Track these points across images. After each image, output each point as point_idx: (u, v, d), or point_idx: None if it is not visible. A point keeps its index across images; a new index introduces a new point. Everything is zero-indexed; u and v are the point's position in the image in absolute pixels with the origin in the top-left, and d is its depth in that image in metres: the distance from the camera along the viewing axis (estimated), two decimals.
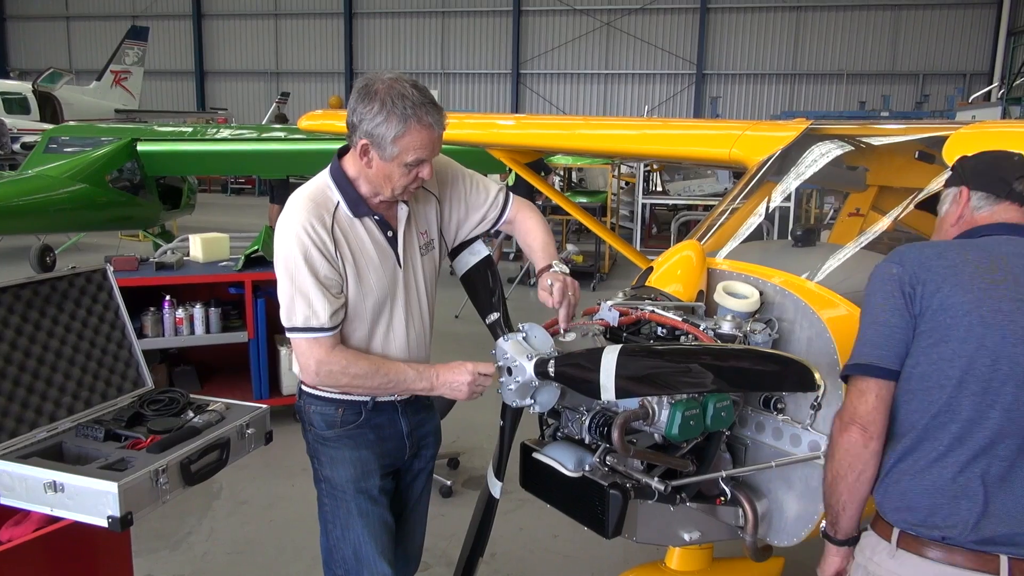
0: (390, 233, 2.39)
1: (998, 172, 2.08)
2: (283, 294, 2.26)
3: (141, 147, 9.57)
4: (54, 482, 2.11)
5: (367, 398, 2.43)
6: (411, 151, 2.20)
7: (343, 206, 2.31)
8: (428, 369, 2.33)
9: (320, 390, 2.41)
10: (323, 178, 2.36)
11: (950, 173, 2.18)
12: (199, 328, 5.39)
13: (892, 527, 1.88)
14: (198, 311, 5.36)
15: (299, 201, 2.30)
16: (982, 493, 1.77)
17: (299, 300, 2.22)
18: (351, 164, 2.34)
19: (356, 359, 2.28)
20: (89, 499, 2.08)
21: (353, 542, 2.46)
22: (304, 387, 2.46)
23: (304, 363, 2.27)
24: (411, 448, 2.59)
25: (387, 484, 2.55)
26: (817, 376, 1.92)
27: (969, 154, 2.18)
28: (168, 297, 5.30)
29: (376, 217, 2.36)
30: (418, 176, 2.27)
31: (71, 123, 16.13)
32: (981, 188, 2.07)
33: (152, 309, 5.27)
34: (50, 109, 20.60)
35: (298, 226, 2.23)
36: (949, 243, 2.01)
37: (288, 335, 2.28)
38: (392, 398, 2.47)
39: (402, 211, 2.42)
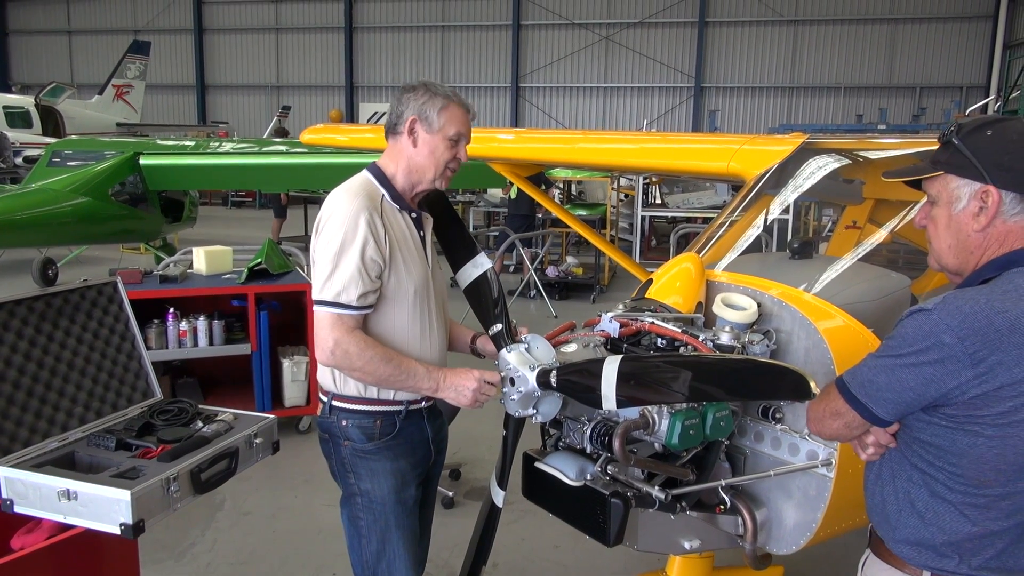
0: (422, 233, 2.55)
1: None
2: (322, 266, 2.35)
3: (143, 161, 9.64)
4: (68, 490, 2.15)
5: (400, 407, 2.50)
6: (453, 124, 2.46)
7: (387, 198, 2.48)
8: (436, 370, 2.40)
9: (356, 402, 2.47)
10: (365, 175, 2.52)
11: (953, 151, 1.78)
12: (202, 340, 5.43)
13: (921, 570, 1.83)
14: (201, 323, 5.41)
15: (352, 190, 2.43)
16: None
17: (338, 274, 2.32)
18: (389, 161, 2.52)
19: (373, 345, 2.35)
20: (102, 507, 2.12)
21: (389, 556, 2.52)
22: (337, 402, 2.50)
23: (323, 339, 2.34)
24: (434, 453, 2.69)
25: (419, 494, 2.63)
26: (812, 385, 1.94)
27: (971, 125, 1.80)
28: (172, 309, 5.35)
29: (413, 215, 2.53)
30: (456, 156, 2.48)
31: (73, 137, 16.19)
32: (1012, 188, 1.72)
33: (156, 321, 5.32)
34: (52, 123, 20.69)
35: (357, 209, 2.35)
36: (1013, 303, 1.65)
37: (315, 308, 2.36)
38: (421, 405, 2.55)
39: (428, 221, 2.60)
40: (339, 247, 2.32)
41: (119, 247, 12.53)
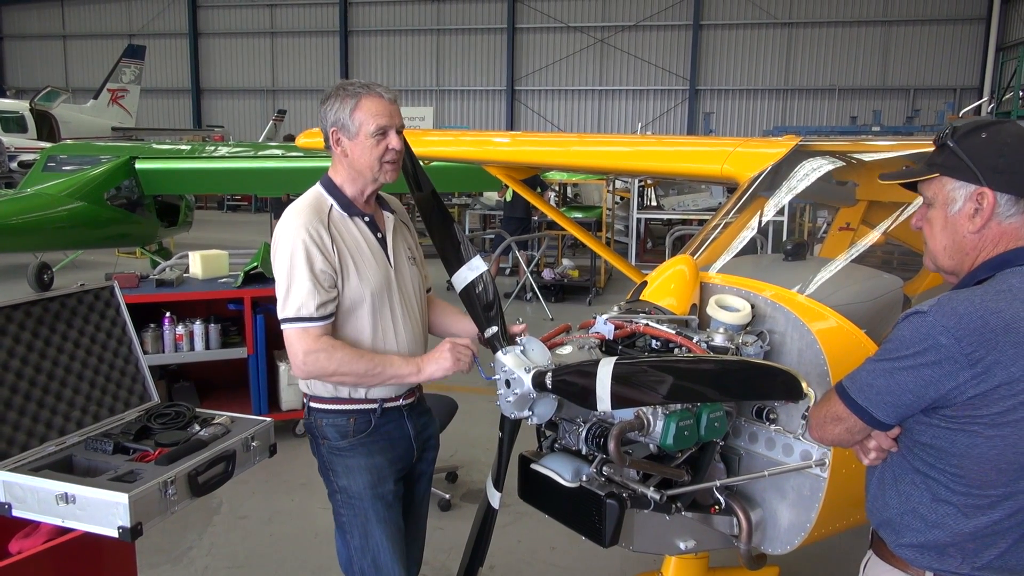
0: (380, 235, 2.60)
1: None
2: (279, 288, 2.43)
3: (139, 165, 9.63)
4: (65, 494, 2.16)
5: (375, 405, 2.54)
6: (371, 119, 2.45)
7: (336, 207, 2.53)
8: (413, 358, 2.48)
9: (329, 402, 2.54)
10: (315, 188, 2.59)
11: (949, 154, 1.81)
12: (199, 344, 5.44)
13: (924, 571, 1.84)
14: (198, 327, 5.42)
15: (297, 208, 2.51)
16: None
17: (293, 291, 2.39)
18: (335, 172, 2.58)
19: (341, 346, 2.42)
20: (100, 510, 2.14)
21: (372, 549, 2.56)
22: (313, 403, 2.57)
23: (294, 354, 2.41)
24: (417, 451, 2.72)
25: (399, 489, 2.67)
26: (804, 385, 1.95)
27: (966, 128, 1.82)
28: (168, 314, 5.36)
29: (367, 219, 2.57)
30: (388, 148, 2.48)
31: (69, 141, 16.17)
32: (1007, 190, 1.74)
33: (152, 326, 5.32)
34: (47, 127, 20.66)
35: (299, 226, 2.43)
36: (1007, 302, 1.67)
37: (282, 327, 2.42)
38: (399, 403, 2.59)
39: (389, 220, 2.65)
40: (289, 265, 2.40)
41: (115, 251, 12.54)
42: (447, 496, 4.74)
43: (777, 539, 2.42)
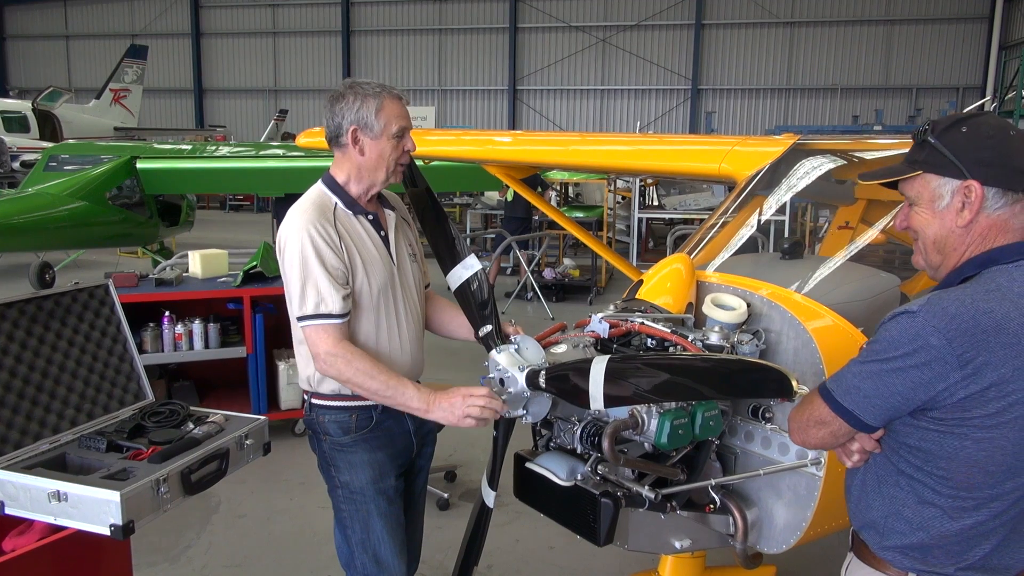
0: (382, 233, 2.60)
1: (1011, 161, 1.72)
2: (293, 287, 2.41)
3: (140, 165, 9.65)
4: (58, 491, 2.16)
5: (376, 403, 2.53)
6: (393, 120, 2.48)
7: (340, 205, 2.52)
8: (428, 392, 2.41)
9: (331, 399, 2.53)
10: (318, 187, 2.58)
11: (930, 150, 1.77)
12: (198, 343, 5.44)
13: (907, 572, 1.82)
14: (197, 327, 5.42)
15: (302, 207, 2.49)
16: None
17: (310, 289, 2.38)
18: (339, 171, 2.56)
19: (362, 356, 2.39)
20: (92, 508, 2.13)
21: (373, 544, 2.57)
22: (315, 400, 2.57)
23: (314, 351, 2.40)
24: (417, 446, 2.73)
25: (400, 484, 2.68)
26: (795, 383, 1.93)
27: (945, 123, 1.79)
28: (167, 313, 5.36)
29: (370, 217, 2.57)
30: (405, 149, 2.51)
31: (71, 141, 16.19)
32: (994, 183, 1.71)
33: (152, 325, 5.33)
34: (49, 127, 20.69)
35: (307, 224, 2.42)
36: (997, 302, 1.65)
37: (300, 324, 2.41)
38: None
39: (391, 217, 2.64)
40: (302, 264, 2.39)
41: (116, 251, 12.55)
42: (445, 495, 4.74)
43: (773, 538, 2.42)
